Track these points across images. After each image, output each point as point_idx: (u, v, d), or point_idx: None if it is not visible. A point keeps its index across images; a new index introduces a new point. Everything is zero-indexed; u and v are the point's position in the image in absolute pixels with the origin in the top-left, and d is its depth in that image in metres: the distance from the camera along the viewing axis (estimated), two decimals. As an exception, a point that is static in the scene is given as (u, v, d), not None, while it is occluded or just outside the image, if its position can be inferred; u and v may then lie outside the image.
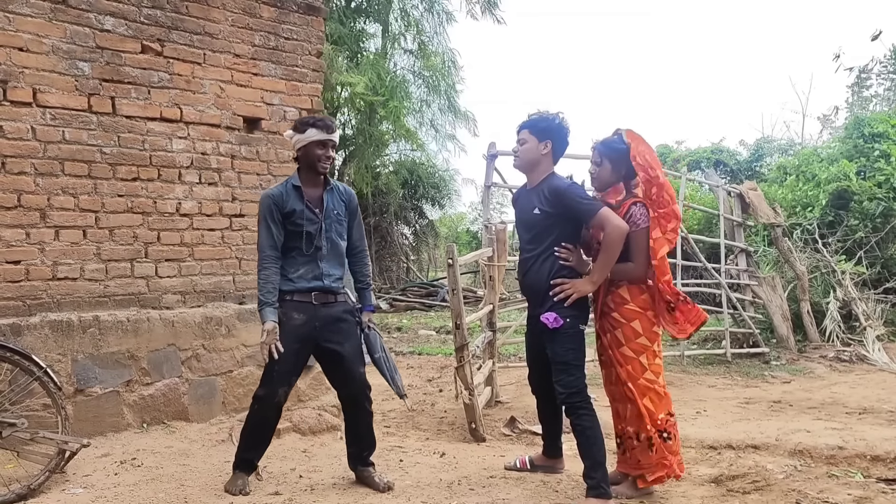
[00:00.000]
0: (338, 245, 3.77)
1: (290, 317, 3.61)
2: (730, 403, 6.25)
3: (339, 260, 3.79)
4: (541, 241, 3.59)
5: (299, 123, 3.70)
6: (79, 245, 4.44)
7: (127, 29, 4.60)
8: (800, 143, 20.11)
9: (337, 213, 3.76)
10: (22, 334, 4.09)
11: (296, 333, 3.60)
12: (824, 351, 8.96)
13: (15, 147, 4.20)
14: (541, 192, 3.58)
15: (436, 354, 9.66)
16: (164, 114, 4.76)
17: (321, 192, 3.73)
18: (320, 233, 3.67)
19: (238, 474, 3.70)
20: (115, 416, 4.43)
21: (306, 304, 3.64)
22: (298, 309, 3.63)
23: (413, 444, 4.76)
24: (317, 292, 3.66)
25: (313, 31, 5.50)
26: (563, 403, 3.59)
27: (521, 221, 3.74)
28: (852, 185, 11.16)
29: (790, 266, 9.74)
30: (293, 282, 3.64)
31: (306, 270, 3.66)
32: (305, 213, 3.64)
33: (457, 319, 5.04)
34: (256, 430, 3.69)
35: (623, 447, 3.70)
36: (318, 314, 3.66)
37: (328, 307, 3.69)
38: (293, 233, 3.64)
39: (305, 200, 3.66)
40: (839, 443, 4.52)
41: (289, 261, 3.67)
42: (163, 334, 4.65)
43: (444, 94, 17.03)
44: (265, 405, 3.63)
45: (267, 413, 3.66)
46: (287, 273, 3.66)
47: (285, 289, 3.64)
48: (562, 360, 3.53)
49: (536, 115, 3.69)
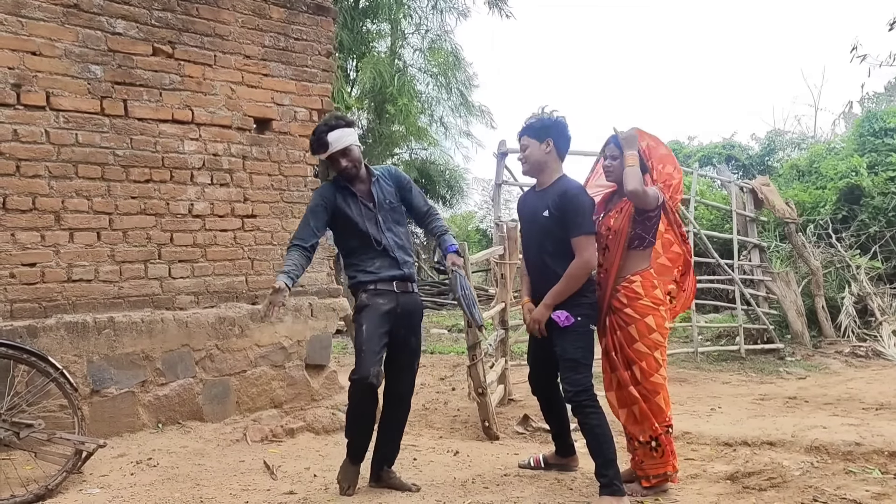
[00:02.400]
0: (399, 232, 3.79)
1: (375, 302, 3.63)
2: (744, 400, 6.22)
3: (406, 246, 3.82)
4: (552, 243, 3.60)
5: (312, 145, 3.73)
6: (93, 247, 4.47)
7: (138, 32, 4.62)
8: (812, 136, 19.94)
9: (389, 202, 3.78)
10: (38, 336, 4.12)
11: (381, 316, 3.61)
12: (840, 346, 8.89)
13: (29, 150, 4.23)
14: (552, 195, 3.60)
15: (448, 353, 9.67)
16: (175, 116, 4.78)
17: (369, 187, 3.76)
18: (379, 225, 3.70)
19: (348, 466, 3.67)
20: (130, 416, 4.46)
21: (389, 292, 3.67)
22: (382, 295, 3.65)
23: (426, 443, 4.76)
24: (397, 280, 3.70)
25: (323, 32, 5.51)
26: (570, 401, 3.58)
27: (530, 224, 3.75)
28: (863, 180, 11.08)
29: (804, 261, 9.68)
30: (374, 273, 3.67)
31: (382, 262, 3.69)
32: (362, 209, 3.68)
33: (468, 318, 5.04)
34: (356, 413, 3.64)
35: (630, 451, 3.69)
36: (400, 301, 3.69)
37: (407, 295, 3.74)
38: (354, 231, 3.67)
39: (359, 198, 3.70)
40: (856, 439, 4.48)
41: (361, 258, 3.71)
42: (177, 335, 4.67)
43: (455, 91, 17.00)
44: (360, 386, 3.55)
45: (364, 395, 3.60)
46: (366, 267, 3.69)
47: (366, 279, 3.67)
48: (571, 358, 3.54)
49: (532, 119, 3.71)
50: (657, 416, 3.58)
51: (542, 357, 3.77)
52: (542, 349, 3.74)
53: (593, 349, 3.63)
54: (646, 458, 3.62)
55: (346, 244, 3.74)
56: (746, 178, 12.60)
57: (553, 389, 3.89)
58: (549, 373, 3.84)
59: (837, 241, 10.48)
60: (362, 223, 3.67)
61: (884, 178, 11.03)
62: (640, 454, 3.64)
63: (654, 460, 3.61)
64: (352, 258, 3.73)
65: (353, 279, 3.73)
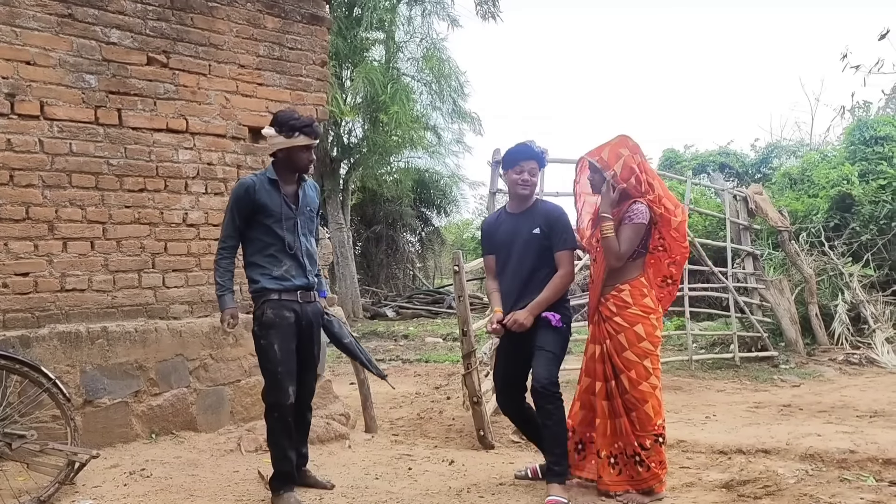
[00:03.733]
0: (311, 241, 3.83)
1: (282, 316, 3.64)
2: (739, 408, 6.22)
3: (314, 256, 3.85)
4: (541, 257, 3.80)
5: (284, 125, 3.66)
6: (87, 256, 4.45)
7: (133, 41, 4.62)
8: (808, 144, 20.05)
9: (310, 210, 3.82)
10: (31, 346, 4.10)
11: (290, 331, 3.66)
12: (833, 354, 8.91)
13: (23, 160, 4.22)
14: (540, 214, 3.85)
15: (443, 362, 9.65)
16: (170, 125, 4.78)
17: (296, 188, 3.77)
18: (295, 228, 3.71)
19: (285, 495, 3.57)
20: (123, 426, 4.43)
21: (293, 303, 3.69)
22: (288, 307, 3.67)
23: (421, 452, 4.75)
24: (302, 290, 3.72)
25: (317, 41, 5.52)
26: (542, 390, 3.66)
27: (510, 241, 3.87)
28: (854, 189, 11.14)
29: (797, 269, 9.71)
30: (278, 280, 3.66)
31: (289, 267, 3.69)
32: (283, 208, 3.68)
33: (464, 326, 5.04)
34: (282, 438, 3.64)
35: (619, 465, 3.67)
36: (304, 312, 3.73)
37: (310, 304, 3.77)
38: (268, 228, 3.66)
39: (283, 195, 3.69)
40: (850, 446, 4.49)
41: (267, 259, 3.67)
42: (171, 344, 4.65)
43: (449, 98, 17.04)
44: (282, 410, 3.61)
45: (286, 416, 3.64)
46: (270, 271, 3.66)
47: (272, 287, 3.65)
48: (552, 350, 3.72)
49: (535, 146, 3.93)
50: (644, 425, 3.59)
51: (511, 373, 3.97)
52: (510, 366, 3.95)
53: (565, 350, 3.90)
54: (632, 471, 3.62)
55: (256, 241, 3.69)
56: (741, 186, 12.64)
57: (522, 404, 4.02)
58: (517, 388, 4.01)
59: (830, 248, 10.52)
60: (280, 222, 3.66)
61: (875, 187, 11.09)
62: (629, 468, 3.63)
63: (640, 473, 3.61)
64: (258, 258, 3.69)
65: (256, 283, 3.68)
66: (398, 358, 10.30)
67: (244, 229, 3.69)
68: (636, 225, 3.63)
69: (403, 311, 17.76)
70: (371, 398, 5.49)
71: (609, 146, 3.76)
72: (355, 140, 17.26)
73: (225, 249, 3.72)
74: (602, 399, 3.70)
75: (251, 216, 3.66)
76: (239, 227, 3.68)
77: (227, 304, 3.71)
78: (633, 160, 3.69)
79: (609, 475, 3.67)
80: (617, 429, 3.66)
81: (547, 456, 3.74)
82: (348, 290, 16.97)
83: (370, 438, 5.18)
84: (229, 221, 3.71)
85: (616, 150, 3.72)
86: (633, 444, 3.60)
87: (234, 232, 3.70)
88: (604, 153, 3.75)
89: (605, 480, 3.69)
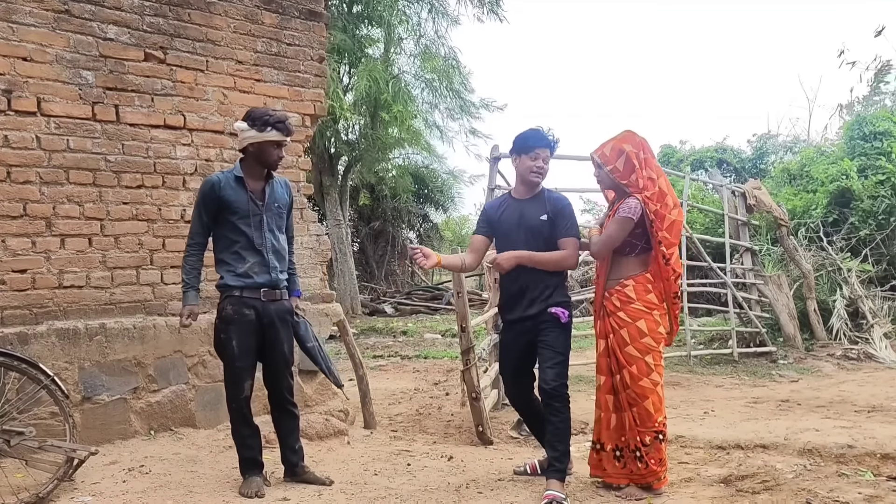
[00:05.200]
0: (279, 237, 3.83)
1: (241, 313, 3.69)
2: (737, 403, 6.23)
3: (282, 253, 3.85)
4: (545, 243, 3.78)
5: (258, 120, 3.68)
6: (84, 253, 4.45)
7: (130, 37, 4.61)
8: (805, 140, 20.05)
9: (278, 206, 3.82)
10: (29, 343, 4.10)
11: (249, 328, 3.70)
12: (832, 349, 8.92)
13: (20, 157, 4.21)
14: (546, 201, 3.83)
15: (441, 358, 9.66)
16: (167, 121, 4.77)
17: (263, 185, 3.78)
18: (262, 225, 3.72)
19: (249, 479, 3.73)
20: (122, 423, 4.43)
21: (255, 300, 3.72)
22: (248, 305, 3.70)
23: (420, 448, 4.75)
24: (265, 288, 3.74)
25: (315, 37, 5.51)
26: (553, 391, 3.67)
27: (519, 226, 3.84)
28: (853, 184, 11.14)
29: (796, 264, 9.72)
30: (241, 277, 3.70)
31: (254, 263, 3.71)
32: (249, 205, 3.69)
33: (462, 322, 5.04)
34: (242, 427, 3.77)
35: (623, 459, 3.69)
36: (267, 310, 3.75)
37: (275, 303, 3.78)
38: (234, 226, 3.69)
39: (249, 192, 3.71)
40: (848, 441, 4.50)
41: (233, 255, 3.71)
42: (169, 341, 4.65)
43: (453, 94, 16.96)
44: (239, 401, 3.73)
45: (243, 408, 3.76)
46: (234, 268, 3.70)
47: (234, 284, 3.70)
48: (561, 351, 3.73)
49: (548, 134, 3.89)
50: (644, 421, 3.59)
51: (517, 367, 3.95)
52: (515, 360, 3.94)
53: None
54: (633, 465, 3.64)
55: (223, 238, 3.74)
56: (739, 181, 12.64)
57: (531, 395, 4.01)
58: (524, 382, 4.00)
59: (828, 244, 10.53)
60: (245, 219, 3.69)
61: (873, 182, 11.10)
62: (630, 461, 3.65)
63: (640, 468, 3.62)
64: (225, 254, 3.73)
65: (220, 279, 3.76)
66: (397, 354, 10.30)
67: (212, 226, 3.74)
68: (621, 219, 3.63)
69: (402, 308, 17.78)
70: (370, 394, 5.49)
71: (612, 142, 3.76)
72: (354, 136, 17.23)
73: (192, 247, 3.76)
74: (607, 393, 3.71)
75: (217, 213, 3.70)
76: (206, 223, 3.73)
77: (189, 301, 3.73)
78: (634, 156, 3.68)
79: (613, 468, 3.70)
80: (621, 423, 3.66)
81: (549, 451, 3.74)
82: (347, 286, 16.97)
83: (369, 435, 5.18)
84: (196, 219, 3.75)
85: (619, 146, 3.72)
86: (636, 439, 3.60)
87: (201, 229, 3.74)
88: (606, 149, 3.75)
89: (610, 473, 3.73)
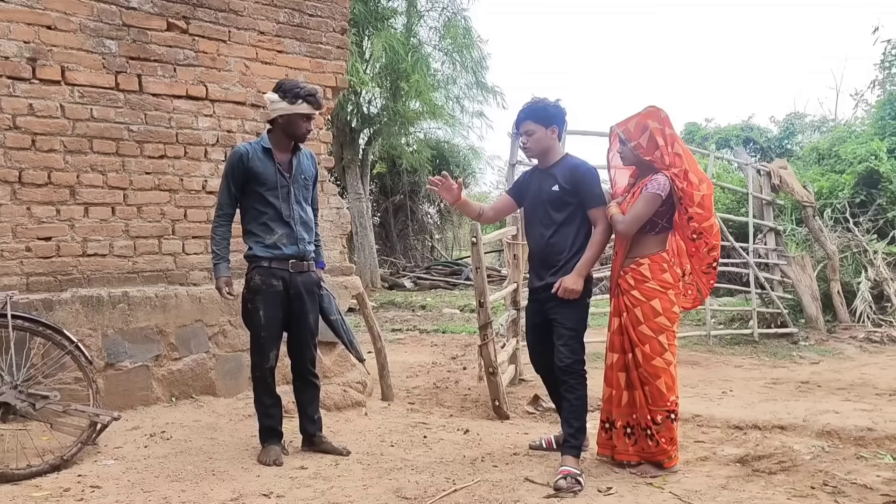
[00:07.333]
0: (306, 209, 3.85)
1: (269, 284, 3.73)
2: (756, 384, 6.19)
3: (309, 224, 3.87)
4: (561, 214, 3.74)
5: (289, 92, 3.70)
6: (108, 222, 4.49)
7: (152, 7, 4.60)
8: (832, 119, 19.66)
9: (305, 178, 3.84)
10: (53, 309, 4.16)
11: (277, 299, 3.74)
12: (854, 331, 8.83)
13: (45, 125, 4.25)
14: (562, 170, 3.76)
15: (459, 332, 9.70)
16: (189, 91, 4.78)
17: (290, 157, 3.80)
18: (289, 197, 3.74)
19: (268, 447, 3.78)
20: (144, 390, 4.51)
21: (283, 271, 3.75)
22: (276, 275, 3.74)
23: (437, 421, 4.79)
24: (294, 260, 3.77)
25: (337, 8, 5.46)
26: (567, 368, 3.67)
27: (537, 198, 3.83)
28: (882, 165, 10.92)
29: (820, 245, 9.59)
30: (269, 248, 3.72)
31: (282, 235, 3.74)
32: (277, 177, 3.71)
33: (480, 298, 5.04)
34: (265, 396, 3.83)
35: (634, 436, 3.69)
36: (294, 281, 3.78)
37: (303, 275, 3.81)
38: (262, 197, 3.71)
39: (276, 163, 3.72)
40: (868, 424, 4.46)
41: (261, 227, 3.74)
42: (190, 310, 4.70)
43: (470, 70, 16.86)
44: (263, 372, 3.79)
45: (267, 378, 3.81)
46: (263, 239, 3.73)
47: (262, 255, 3.73)
48: (573, 328, 3.70)
49: (536, 104, 3.81)
50: (656, 400, 3.59)
51: (541, 339, 3.90)
52: (539, 332, 3.89)
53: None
54: (644, 443, 3.64)
55: (251, 209, 3.76)
56: (764, 161, 12.44)
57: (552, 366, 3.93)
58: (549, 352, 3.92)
59: (855, 225, 10.36)
60: (273, 190, 3.70)
61: (902, 163, 10.89)
62: (642, 440, 3.65)
63: (650, 446, 3.62)
64: (253, 225, 3.76)
65: (249, 250, 3.78)
66: (415, 328, 10.36)
67: (240, 197, 3.76)
68: (649, 195, 3.58)
69: (421, 282, 17.83)
70: (388, 367, 5.53)
71: (637, 117, 3.71)
72: (375, 110, 17.17)
73: (221, 217, 3.78)
74: (619, 370, 3.70)
75: (245, 184, 3.71)
76: (234, 195, 3.75)
77: (221, 272, 3.75)
78: (659, 132, 3.63)
79: (623, 445, 3.71)
80: (633, 400, 3.67)
81: (565, 428, 3.73)
82: (367, 260, 17.03)
83: (386, 406, 5.23)
84: (224, 189, 3.76)
85: (643, 122, 3.67)
86: (647, 418, 3.61)
87: (229, 200, 3.76)
88: (630, 124, 3.71)
89: (620, 450, 3.73)
